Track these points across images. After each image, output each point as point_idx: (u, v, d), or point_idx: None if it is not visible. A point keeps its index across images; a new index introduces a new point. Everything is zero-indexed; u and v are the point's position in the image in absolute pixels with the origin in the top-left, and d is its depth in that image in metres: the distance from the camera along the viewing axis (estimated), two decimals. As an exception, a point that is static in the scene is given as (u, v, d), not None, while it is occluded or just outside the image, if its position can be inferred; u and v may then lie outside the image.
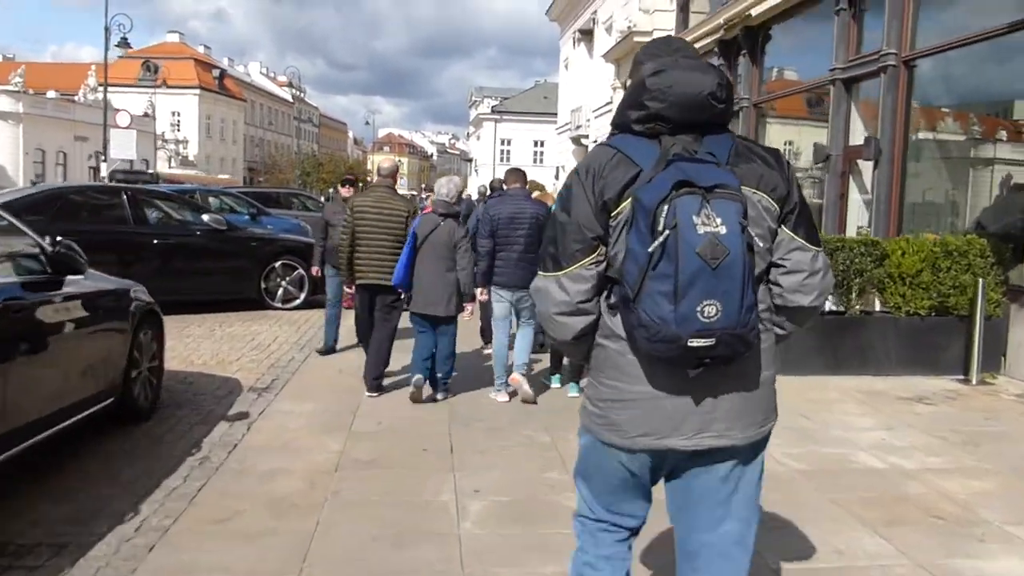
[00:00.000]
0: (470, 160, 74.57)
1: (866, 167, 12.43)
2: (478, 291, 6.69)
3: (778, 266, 2.16)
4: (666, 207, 1.90)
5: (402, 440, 5.64)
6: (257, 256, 11.55)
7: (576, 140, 31.44)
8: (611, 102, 25.78)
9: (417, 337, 6.70)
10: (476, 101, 71.58)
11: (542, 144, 61.25)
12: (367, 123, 65.94)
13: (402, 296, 6.76)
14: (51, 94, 54.99)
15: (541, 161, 59.60)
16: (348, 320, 10.23)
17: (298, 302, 11.83)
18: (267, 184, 66.92)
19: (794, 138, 16.35)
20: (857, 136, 12.78)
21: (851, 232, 12.62)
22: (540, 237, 5.69)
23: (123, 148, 26.05)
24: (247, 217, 17.75)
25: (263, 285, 11.58)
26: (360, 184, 12.01)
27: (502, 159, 61.90)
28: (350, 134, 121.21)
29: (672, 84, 2.05)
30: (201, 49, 77.92)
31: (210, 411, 6.26)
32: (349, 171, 7.93)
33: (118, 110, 28.26)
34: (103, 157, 26.77)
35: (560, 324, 2.16)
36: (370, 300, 6.93)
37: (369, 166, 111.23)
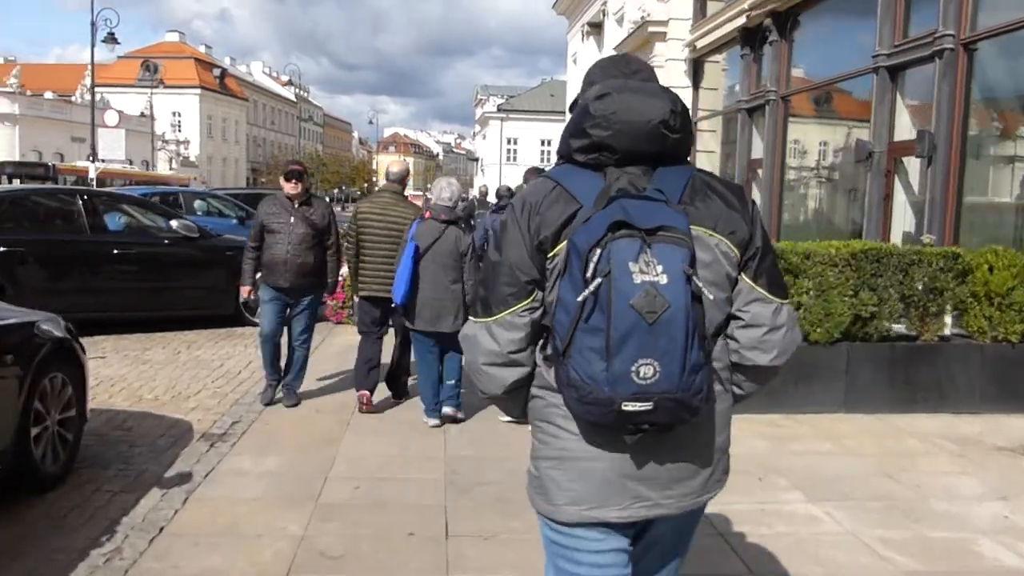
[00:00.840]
0: (476, 159, 73.26)
1: (914, 165, 11.13)
2: None
3: (736, 318, 1.95)
4: (599, 251, 1.68)
5: (383, 516, 4.35)
6: (234, 267, 10.14)
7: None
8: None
9: (420, 361, 6.10)
10: (482, 100, 70.32)
11: (549, 143, 60.23)
12: (371, 122, 64.79)
13: (394, 311, 6.35)
14: (48, 95, 54.04)
15: (549, 160, 58.34)
16: (330, 347, 8.97)
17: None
18: (270, 185, 65.93)
19: (828, 135, 15.02)
20: (903, 131, 11.49)
21: (896, 239, 11.34)
22: None
23: (112, 148, 24.85)
24: (235, 221, 16.51)
25: (241, 299, 10.27)
26: (363, 185, 10.77)
27: (508, 158, 60.84)
28: (355, 134, 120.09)
29: (617, 110, 1.84)
30: (202, 49, 76.89)
31: (143, 471, 4.98)
32: (294, 162, 5.90)
33: (106, 109, 27.02)
34: (91, 158, 25.52)
35: (488, 376, 1.96)
36: (377, 314, 6.49)
37: (375, 166, 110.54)
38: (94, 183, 24.73)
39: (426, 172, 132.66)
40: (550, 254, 1.85)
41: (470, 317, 2.00)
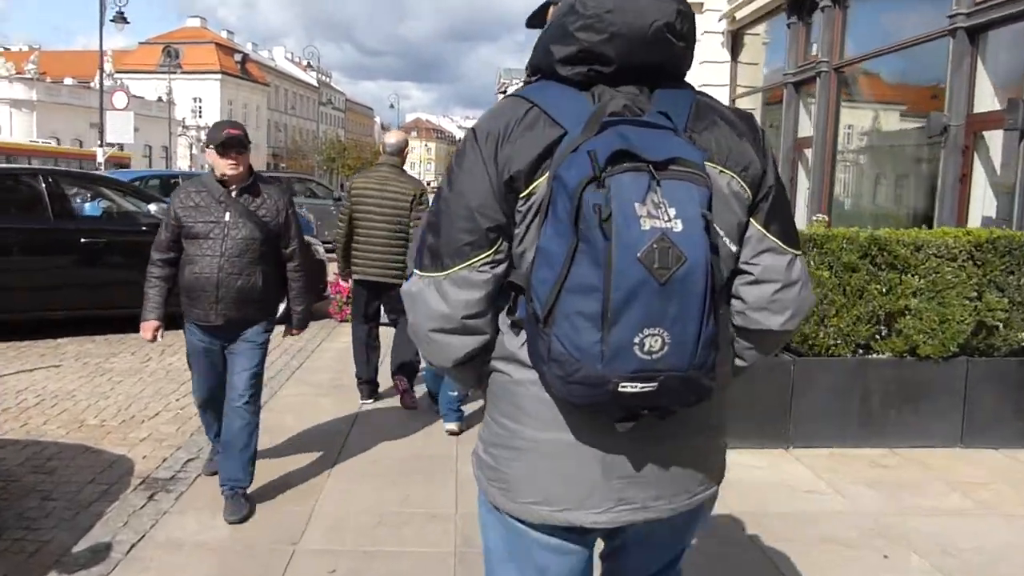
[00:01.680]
0: (498, 145, 71.66)
1: (997, 141, 9.62)
2: None
3: (743, 272, 1.56)
4: (597, 189, 1.30)
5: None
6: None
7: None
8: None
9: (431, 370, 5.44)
10: (505, 84, 68.77)
11: None
12: (391, 106, 63.36)
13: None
14: (68, 81, 53.23)
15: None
16: (325, 353, 7.64)
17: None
18: (289, 170, 64.96)
19: (889, 109, 13.46)
20: (985, 101, 9.95)
21: (974, 223, 9.83)
22: None
23: (120, 132, 23.65)
24: (238, 206, 15.24)
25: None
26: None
27: (531, 143, 59.42)
28: (377, 119, 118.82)
29: (613, 8, 1.44)
30: (224, 34, 75.79)
31: (45, 543, 3.66)
32: (232, 124, 3.96)
33: (114, 91, 25.85)
34: (99, 143, 24.38)
35: (437, 344, 1.53)
36: (369, 301, 5.97)
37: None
38: (102, 167, 23.62)
39: (447, 157, 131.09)
40: (523, 193, 1.44)
41: (415, 270, 1.55)
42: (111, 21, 24.64)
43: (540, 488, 1.50)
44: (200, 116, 65.50)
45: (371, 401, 6.05)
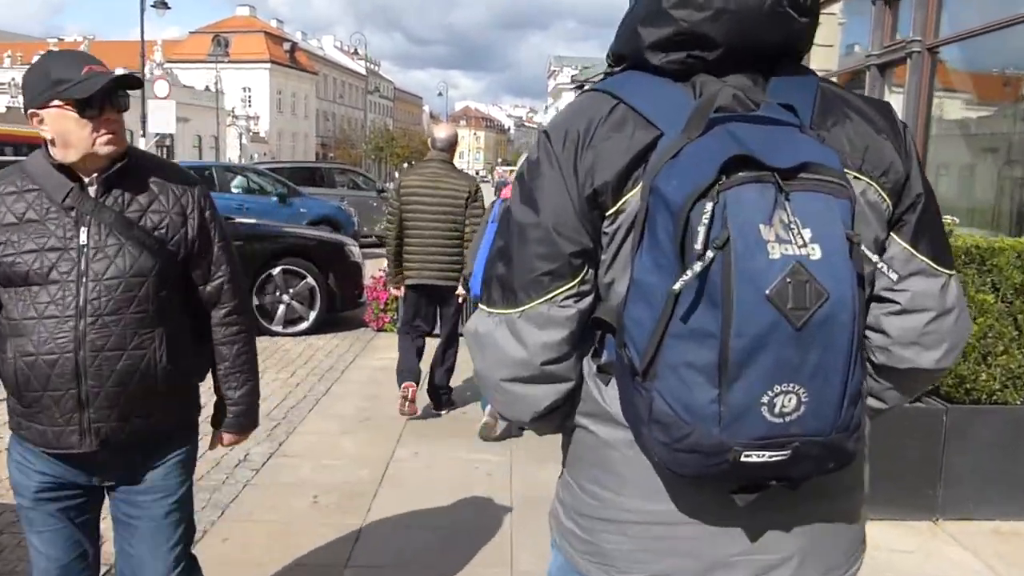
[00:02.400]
0: (547, 133, 70.50)
1: None
2: None
3: (884, 300, 1.27)
4: (709, 206, 1.01)
5: None
6: (246, 260, 7.84)
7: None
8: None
9: None
10: (555, 71, 67.60)
11: None
12: (440, 94, 62.43)
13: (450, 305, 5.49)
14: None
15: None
16: (359, 371, 6.58)
17: (306, 324, 8.28)
18: (338, 159, 64.56)
19: (992, 93, 11.99)
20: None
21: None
22: None
23: (162, 121, 23.01)
24: (275, 199, 14.34)
25: (255, 301, 8.02)
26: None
27: (581, 131, 58.22)
28: (426, 108, 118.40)
29: None
30: (273, 23, 75.63)
31: None
32: (89, 59, 3.42)
33: (156, 79, 25.23)
34: (142, 132, 23.79)
35: (512, 395, 1.26)
36: (424, 307, 5.55)
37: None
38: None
39: (497, 146, 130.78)
40: (611, 210, 1.17)
41: (482, 306, 1.27)
42: (152, 7, 23.99)
43: (648, 565, 1.22)
44: (250, 106, 65.41)
45: (443, 413, 5.75)
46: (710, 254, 1.00)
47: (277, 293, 8.17)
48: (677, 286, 1.01)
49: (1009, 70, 11.25)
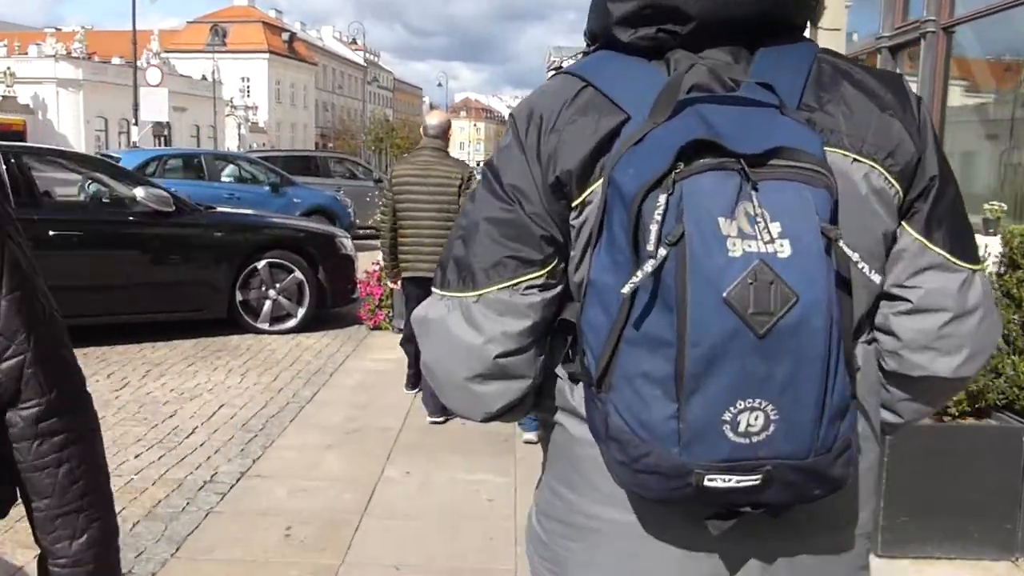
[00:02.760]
0: (548, 124, 69.77)
1: None
2: None
3: (894, 298, 1.13)
4: (663, 198, 0.89)
5: None
6: (228, 252, 7.38)
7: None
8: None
9: None
10: (555, 61, 66.71)
11: None
12: (440, 85, 61.69)
13: None
14: (116, 61, 52.60)
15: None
16: (350, 374, 5.98)
17: (294, 322, 7.69)
18: (337, 149, 63.93)
19: (1013, 77, 11.35)
20: None
21: None
22: None
23: (154, 109, 22.40)
24: (267, 189, 13.74)
25: (239, 297, 7.44)
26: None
27: (583, 121, 57.65)
28: (426, 99, 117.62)
29: None
30: (272, 13, 74.83)
31: None
32: None
33: (148, 67, 24.56)
34: (134, 121, 23.13)
35: (463, 392, 1.12)
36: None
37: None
38: (135, 146, 22.42)
39: (497, 137, 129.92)
40: (576, 201, 1.06)
41: (434, 289, 1.14)
42: (145, -7, 23.30)
43: None
44: (248, 96, 64.76)
45: (441, 420, 5.17)
46: (663, 251, 0.88)
47: (263, 288, 7.56)
48: (627, 288, 0.90)
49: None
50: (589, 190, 1.05)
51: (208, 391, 5.77)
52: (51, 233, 6.48)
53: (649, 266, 0.88)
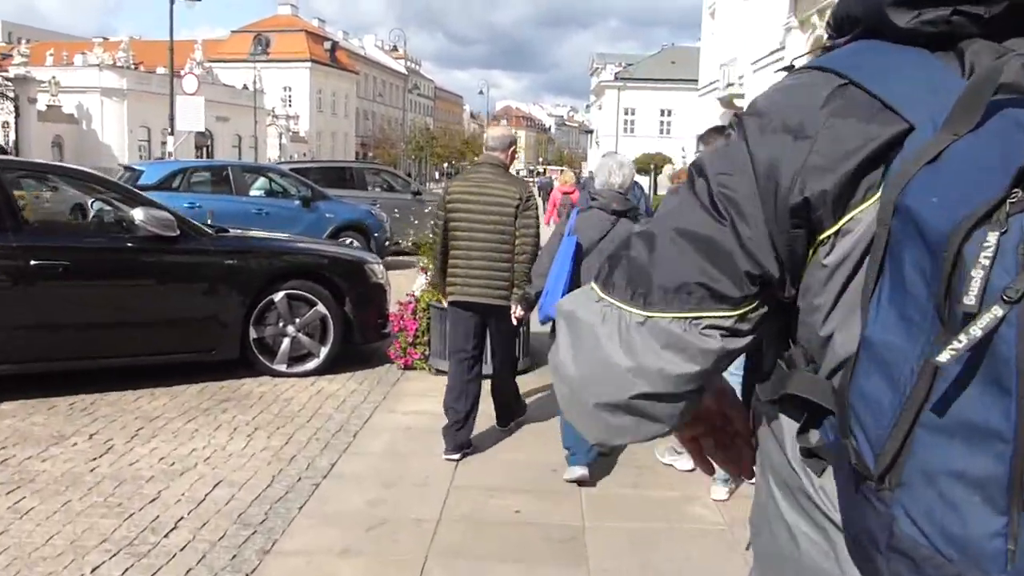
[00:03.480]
0: (590, 131, 68.74)
1: None
2: None
3: None
4: (992, 237, 0.67)
5: None
6: (240, 283, 6.34)
7: (726, 102, 25.20)
8: (781, 48, 19.71)
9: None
10: (598, 68, 65.58)
11: (670, 113, 56.20)
12: (480, 92, 60.92)
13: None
14: (160, 70, 52.60)
15: (668, 132, 54.07)
16: (384, 423, 4.89)
17: (316, 363, 6.64)
18: (377, 159, 63.44)
19: None
20: None
21: None
22: None
23: (190, 119, 21.67)
24: (297, 203, 12.78)
25: (253, 334, 6.40)
26: (473, 159, 8.68)
27: (626, 130, 56.66)
28: (466, 107, 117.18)
29: None
30: (315, 22, 74.69)
31: None
32: None
33: (185, 75, 23.86)
34: (170, 131, 22.43)
35: (587, 414, 0.95)
36: (470, 328, 4.80)
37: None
38: (170, 156, 21.71)
39: (537, 146, 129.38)
40: (827, 232, 0.84)
41: (593, 286, 0.95)
42: (181, -1, 22.64)
43: None
44: (290, 105, 64.55)
45: (457, 456, 4.79)
46: (997, 311, 0.66)
47: (281, 324, 6.52)
48: (943, 357, 0.67)
49: None
50: (849, 216, 0.83)
51: (204, 461, 4.72)
52: (33, 263, 5.48)
53: (978, 329, 0.66)
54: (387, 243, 13.40)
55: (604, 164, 4.63)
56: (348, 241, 13.00)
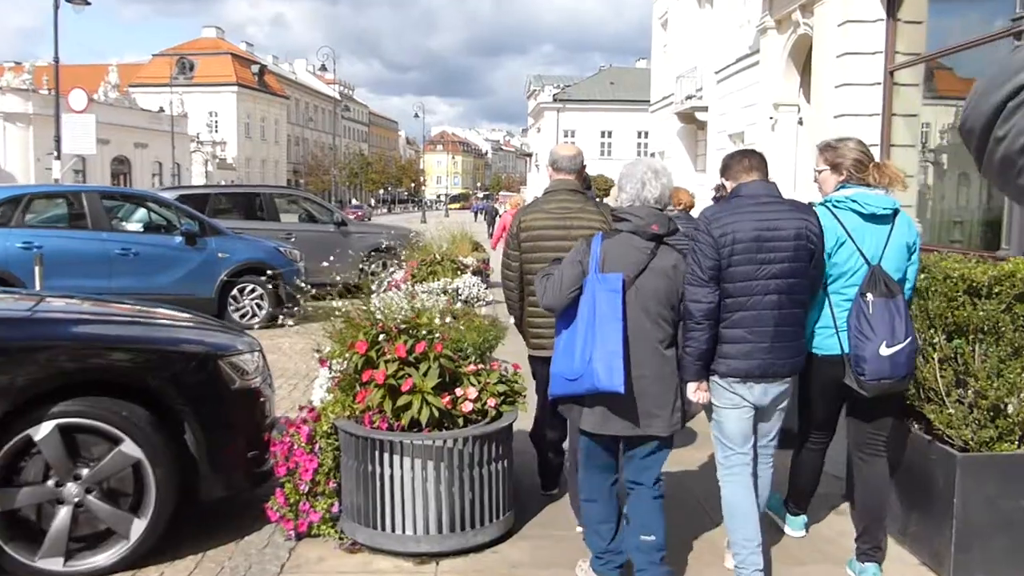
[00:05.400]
0: (529, 155, 66.10)
1: None
2: (692, 388, 3.29)
3: None
4: None
5: None
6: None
7: (686, 116, 22.60)
8: (753, 53, 17.15)
9: (588, 481, 3.41)
10: (535, 90, 63.07)
11: (610, 135, 53.65)
12: (416, 115, 57.88)
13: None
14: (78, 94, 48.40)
15: (609, 154, 51.69)
16: None
17: (123, 550, 3.48)
18: (310, 187, 59.76)
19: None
20: None
21: None
22: (813, 274, 3.35)
23: (79, 140, 18.20)
24: (179, 239, 9.56)
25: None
26: (410, 185, 5.62)
27: (566, 152, 53.94)
28: (402, 133, 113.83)
29: None
30: (243, 46, 70.75)
31: None
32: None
33: (71, 90, 20.33)
34: (56, 155, 18.80)
35: None
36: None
37: (422, 165, 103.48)
38: (59, 182, 18.16)
39: (475, 171, 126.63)
40: None
41: None
42: (66, 1, 19.12)
43: None
44: (216, 131, 60.53)
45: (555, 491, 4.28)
46: None
47: (50, 482, 3.39)
48: None
49: None
50: None
51: None
52: None
53: None
54: (302, 290, 10.22)
55: (633, 172, 3.36)
56: (249, 288, 9.86)
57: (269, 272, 9.69)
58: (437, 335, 3.73)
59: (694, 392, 3.28)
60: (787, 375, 3.32)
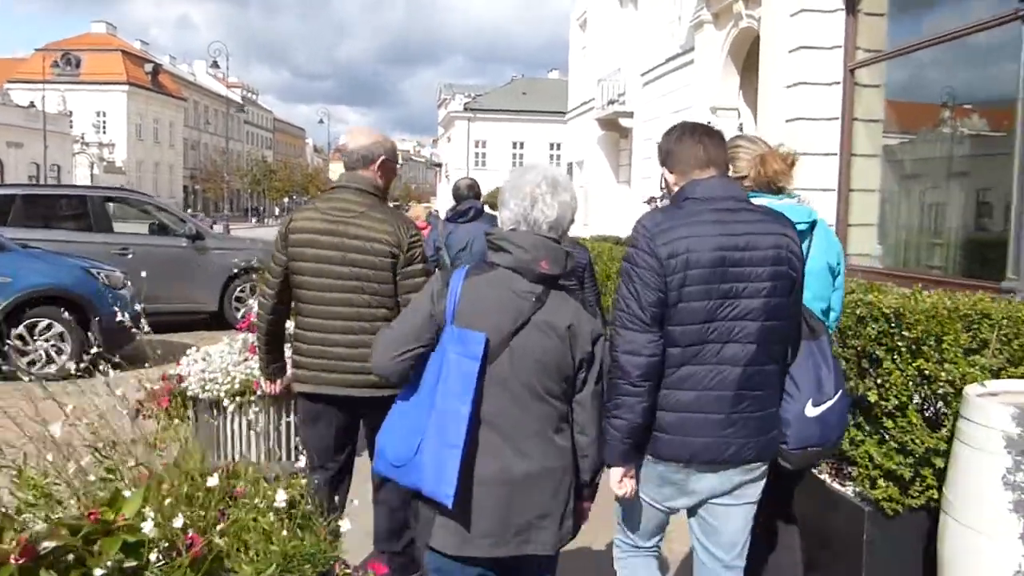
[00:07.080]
0: (439, 165, 63.79)
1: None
2: (617, 476, 2.53)
3: None
4: None
5: None
6: None
7: (608, 122, 20.60)
8: (687, 51, 15.29)
9: None
10: (446, 99, 60.85)
11: (522, 145, 52.02)
12: (321, 121, 54.81)
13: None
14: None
15: (521, 165, 49.91)
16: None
17: None
18: (208, 194, 55.97)
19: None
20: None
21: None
22: (793, 312, 2.57)
23: None
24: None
25: None
26: (317, 194, 3.99)
27: (477, 163, 52.24)
28: (309, 141, 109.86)
29: None
30: (137, 44, 66.12)
31: None
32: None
33: None
34: None
35: None
36: (334, 431, 3.27)
37: (330, 175, 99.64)
38: None
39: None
40: None
41: None
42: None
43: None
44: (104, 131, 56.04)
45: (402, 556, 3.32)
46: None
47: None
48: None
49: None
50: None
51: None
52: None
53: None
54: (122, 326, 7.53)
55: (520, 183, 2.33)
56: (44, 325, 7.15)
57: (75, 302, 7.03)
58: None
59: (618, 482, 2.53)
60: (753, 460, 2.49)
